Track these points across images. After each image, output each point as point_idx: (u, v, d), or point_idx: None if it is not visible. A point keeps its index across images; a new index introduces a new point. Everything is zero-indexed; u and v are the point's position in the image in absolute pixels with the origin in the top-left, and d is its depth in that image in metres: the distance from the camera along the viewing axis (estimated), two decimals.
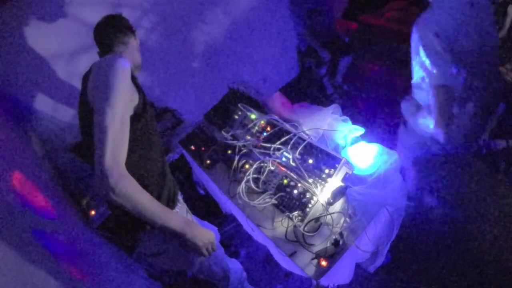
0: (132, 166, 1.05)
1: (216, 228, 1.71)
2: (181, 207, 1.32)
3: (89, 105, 1.03)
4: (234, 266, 1.57)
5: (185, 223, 1.11)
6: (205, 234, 1.15)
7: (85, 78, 1.13)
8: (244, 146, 1.67)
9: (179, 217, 1.14)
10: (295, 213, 1.35)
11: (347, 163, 1.36)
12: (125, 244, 1.67)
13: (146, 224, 1.16)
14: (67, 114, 1.94)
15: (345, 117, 1.64)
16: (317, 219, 1.32)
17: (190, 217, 1.37)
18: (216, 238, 1.69)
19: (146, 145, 1.16)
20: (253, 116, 1.76)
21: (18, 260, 0.90)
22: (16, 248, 0.92)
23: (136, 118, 1.09)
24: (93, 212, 1.86)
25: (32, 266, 0.95)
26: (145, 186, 1.06)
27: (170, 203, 1.25)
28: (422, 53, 1.46)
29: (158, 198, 1.17)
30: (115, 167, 0.94)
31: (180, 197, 1.36)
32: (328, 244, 1.27)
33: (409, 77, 1.84)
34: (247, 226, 1.59)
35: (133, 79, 1.12)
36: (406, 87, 1.99)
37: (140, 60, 1.37)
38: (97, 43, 1.28)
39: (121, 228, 1.25)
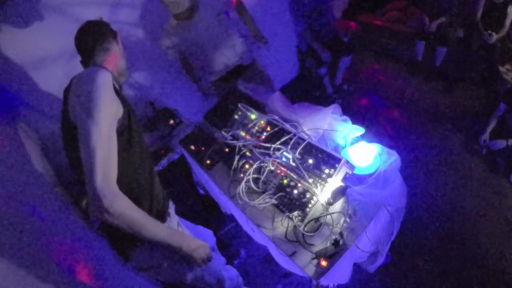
0: (119, 182, 1.00)
1: (211, 232, 1.70)
2: (171, 221, 1.30)
3: (72, 122, 0.99)
4: (230, 273, 1.56)
5: (180, 237, 1.12)
6: (200, 246, 1.17)
7: (66, 92, 1.07)
8: (244, 146, 1.67)
9: (174, 231, 1.15)
10: (295, 213, 1.35)
11: (347, 163, 1.36)
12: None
13: (137, 241, 1.15)
14: None
15: (345, 117, 1.64)
16: (317, 219, 1.32)
17: (181, 229, 1.35)
18: (211, 241, 1.69)
19: (130, 160, 1.11)
20: (253, 116, 1.76)
21: (17, 260, 0.89)
22: (16, 249, 0.92)
23: (120, 131, 1.05)
24: None
25: (32, 267, 0.94)
26: (133, 201, 1.03)
27: (159, 219, 1.21)
28: None
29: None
30: (107, 187, 0.92)
31: (171, 209, 1.34)
32: (328, 244, 1.27)
33: (409, 76, 1.85)
34: (247, 226, 1.59)
35: (116, 90, 1.08)
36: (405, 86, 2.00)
37: (125, 66, 1.30)
38: (78, 51, 1.24)
39: (111, 244, 1.24)
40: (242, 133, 1.72)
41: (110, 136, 0.98)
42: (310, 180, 1.38)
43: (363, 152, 1.51)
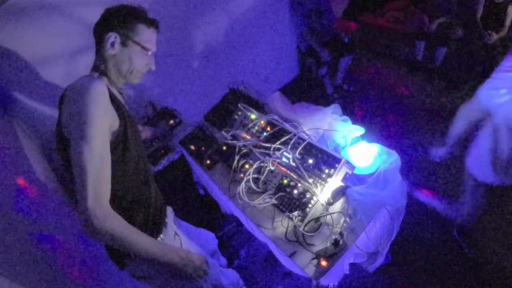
0: (112, 195, 0.97)
1: (213, 235, 1.69)
2: (167, 231, 1.26)
3: (65, 135, 0.96)
4: (229, 278, 1.50)
5: (174, 253, 1.09)
6: (195, 261, 1.14)
7: (61, 101, 1.02)
8: (244, 146, 1.67)
9: (168, 248, 1.11)
10: (295, 213, 1.35)
11: (347, 163, 1.36)
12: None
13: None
14: None
15: (345, 117, 1.64)
16: (317, 219, 1.32)
17: (179, 239, 1.30)
18: (213, 244, 1.68)
19: (125, 172, 1.08)
20: (253, 116, 1.76)
21: (17, 260, 0.90)
22: (16, 249, 0.92)
23: (116, 143, 1.02)
24: None
25: (32, 266, 0.94)
26: (126, 215, 1.02)
27: (155, 231, 1.20)
28: None
29: (141, 226, 1.13)
30: (98, 208, 0.89)
31: (169, 219, 1.31)
32: (328, 244, 1.27)
33: (409, 76, 1.85)
34: (248, 225, 1.59)
35: (113, 98, 1.04)
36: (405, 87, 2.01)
37: (141, 63, 1.20)
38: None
39: (107, 252, 1.22)
40: (242, 133, 1.72)
41: (102, 154, 0.94)
42: (310, 180, 1.38)
43: (363, 152, 1.51)
